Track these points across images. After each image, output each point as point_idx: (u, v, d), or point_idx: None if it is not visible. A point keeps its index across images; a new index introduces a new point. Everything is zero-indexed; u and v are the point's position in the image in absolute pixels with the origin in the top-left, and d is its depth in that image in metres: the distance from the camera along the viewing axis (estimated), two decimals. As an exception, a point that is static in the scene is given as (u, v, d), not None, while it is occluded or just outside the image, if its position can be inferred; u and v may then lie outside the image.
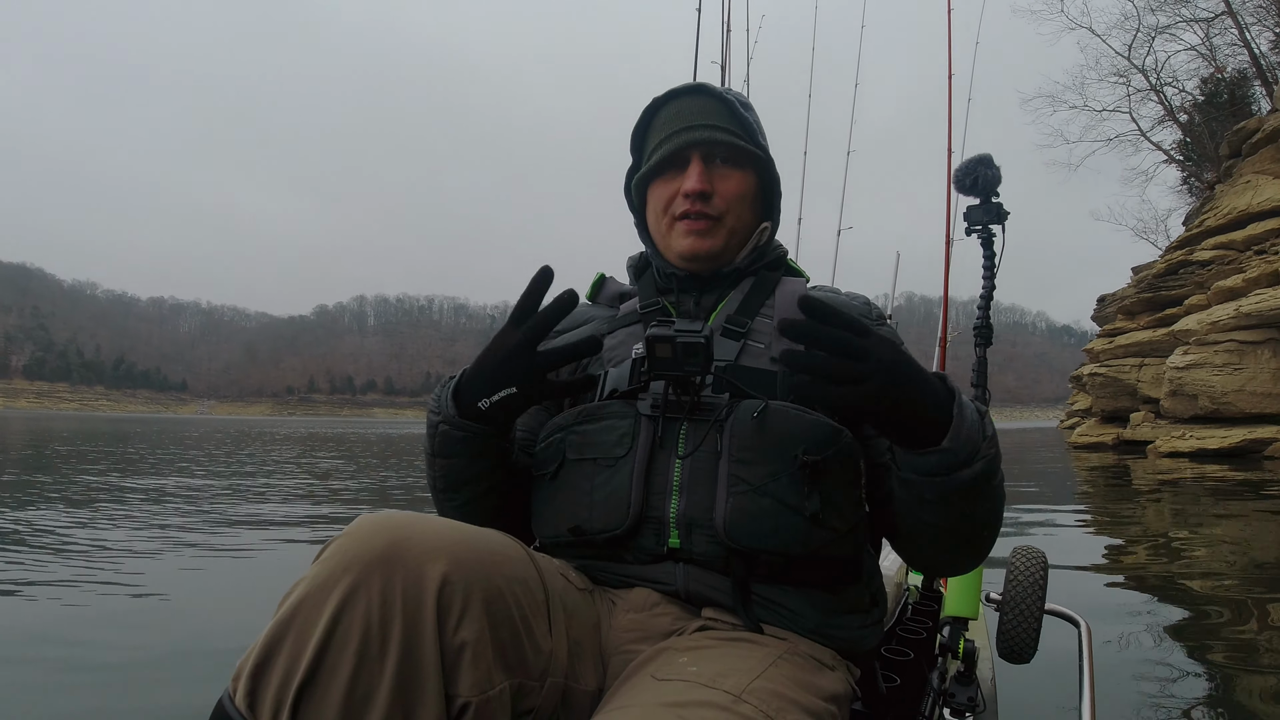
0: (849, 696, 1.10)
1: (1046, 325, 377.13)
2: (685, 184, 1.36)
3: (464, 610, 0.85)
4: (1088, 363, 28.34)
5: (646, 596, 1.15)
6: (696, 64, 3.41)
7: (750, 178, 1.40)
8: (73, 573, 5.22)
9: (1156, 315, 24.63)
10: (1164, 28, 29.11)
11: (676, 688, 0.89)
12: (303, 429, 62.05)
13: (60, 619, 4.15)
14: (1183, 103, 30.76)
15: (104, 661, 3.44)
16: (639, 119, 1.45)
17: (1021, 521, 7.99)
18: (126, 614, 4.30)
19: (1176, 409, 20.77)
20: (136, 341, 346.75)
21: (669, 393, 1.22)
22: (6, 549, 6.04)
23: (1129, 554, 6.40)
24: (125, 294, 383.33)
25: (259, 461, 18.36)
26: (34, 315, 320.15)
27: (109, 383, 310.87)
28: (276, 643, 0.80)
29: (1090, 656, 1.74)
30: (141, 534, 6.91)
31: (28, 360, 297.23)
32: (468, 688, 0.83)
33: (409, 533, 0.86)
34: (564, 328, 1.50)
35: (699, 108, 1.38)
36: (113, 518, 7.86)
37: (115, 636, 3.81)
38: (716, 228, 1.38)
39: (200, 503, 9.49)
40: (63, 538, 6.60)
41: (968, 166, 2.05)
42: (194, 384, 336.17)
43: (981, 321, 2.13)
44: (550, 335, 1.38)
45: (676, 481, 1.16)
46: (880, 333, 1.43)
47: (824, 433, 1.15)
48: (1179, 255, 24.25)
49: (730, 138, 1.36)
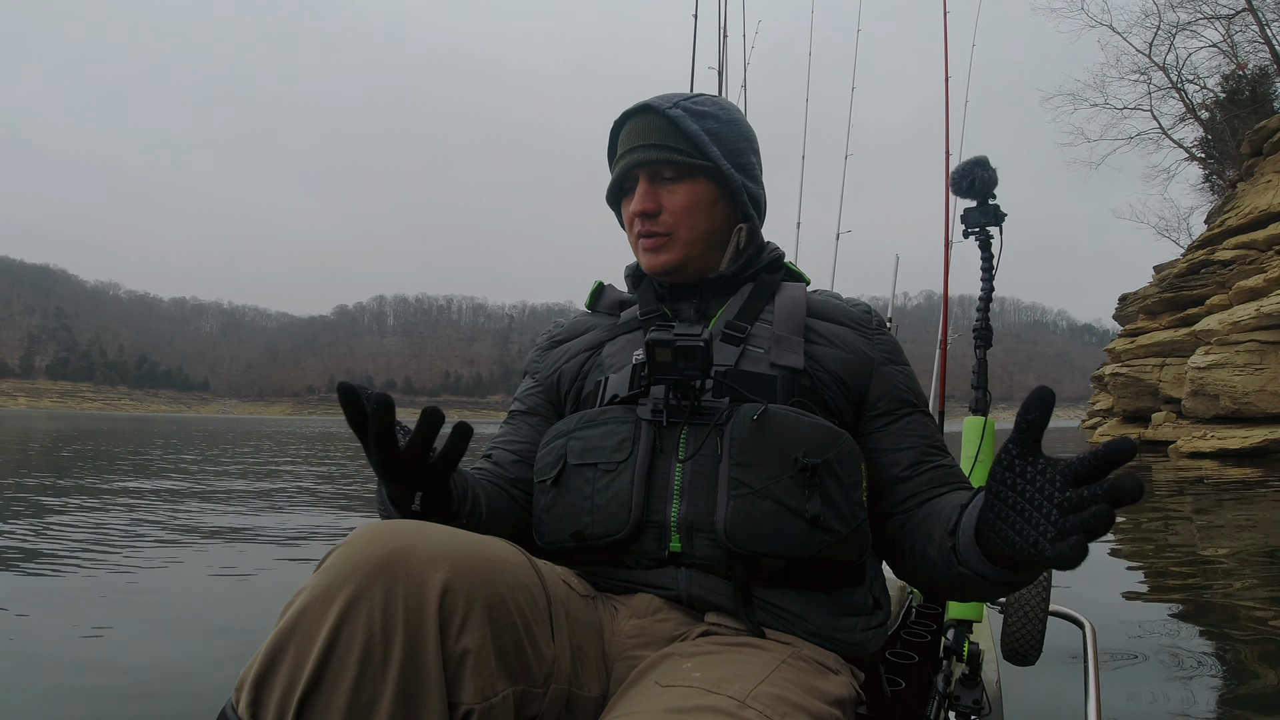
0: (854, 700, 1.10)
1: (1068, 324, 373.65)
2: (632, 205, 1.40)
3: (466, 618, 0.85)
4: (1109, 362, 28.16)
5: (649, 602, 1.15)
6: (694, 70, 3.41)
7: (700, 187, 1.40)
8: (81, 575, 5.25)
9: (1178, 315, 24.45)
10: (1184, 24, 28.82)
11: (681, 694, 0.89)
12: (337, 428, 62.16)
13: (63, 620, 4.16)
14: (1204, 100, 30.48)
15: (107, 662, 3.46)
16: (609, 140, 1.48)
17: None
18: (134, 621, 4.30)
19: (1198, 409, 20.60)
20: (159, 341, 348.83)
21: (669, 397, 1.22)
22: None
23: (1135, 554, 6.38)
24: (148, 294, 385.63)
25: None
26: (57, 316, 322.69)
27: (132, 382, 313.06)
28: (279, 652, 0.80)
29: (1095, 658, 1.73)
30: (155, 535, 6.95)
31: (51, 360, 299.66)
32: (470, 695, 0.83)
33: (410, 541, 0.86)
34: (566, 336, 1.53)
35: (643, 128, 1.40)
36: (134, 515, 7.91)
37: (119, 644, 3.81)
38: (670, 242, 1.40)
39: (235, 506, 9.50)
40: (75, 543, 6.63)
41: (965, 168, 2.05)
42: (216, 383, 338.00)
43: (981, 323, 2.14)
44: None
45: (677, 486, 1.16)
46: (881, 339, 1.45)
47: (823, 435, 1.17)
48: (1200, 255, 24.07)
49: (666, 155, 1.37)
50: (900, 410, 1.35)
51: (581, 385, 1.43)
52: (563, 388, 1.45)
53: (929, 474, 1.28)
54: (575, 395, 1.43)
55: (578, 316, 1.58)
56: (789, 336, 1.34)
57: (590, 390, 1.40)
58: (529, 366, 1.55)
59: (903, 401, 1.36)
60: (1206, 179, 31.71)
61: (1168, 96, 31.48)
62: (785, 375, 1.29)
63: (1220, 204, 27.16)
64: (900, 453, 1.31)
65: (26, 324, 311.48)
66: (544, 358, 1.52)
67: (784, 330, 1.35)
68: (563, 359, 1.48)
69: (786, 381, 1.28)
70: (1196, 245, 25.58)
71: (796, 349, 1.32)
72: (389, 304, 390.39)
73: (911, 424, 1.34)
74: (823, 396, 1.30)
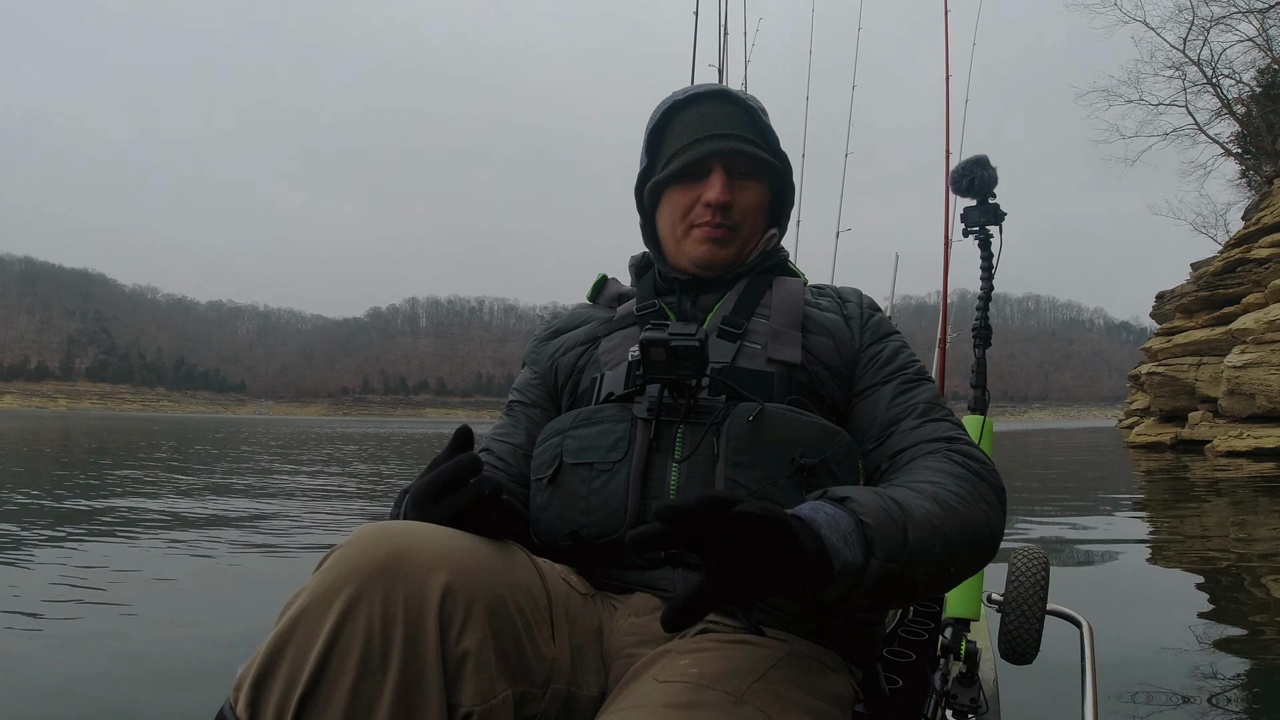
0: (851, 698, 1.09)
1: (1104, 322, 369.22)
2: (707, 194, 1.36)
3: (466, 619, 0.84)
4: (1146, 361, 27.82)
5: (647, 601, 1.15)
6: (694, 67, 3.41)
7: (765, 188, 1.41)
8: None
9: (1214, 314, 24.14)
10: (1219, 19, 28.29)
11: (678, 689, 0.88)
12: (374, 428, 62.62)
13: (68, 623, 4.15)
14: (1239, 94, 29.99)
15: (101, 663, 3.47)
16: (655, 120, 1.45)
17: (1032, 523, 7.90)
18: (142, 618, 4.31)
19: (1234, 408, 20.32)
20: (196, 344, 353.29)
21: (665, 396, 1.21)
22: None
23: (1135, 554, 6.30)
24: (185, 298, 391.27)
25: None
26: (97, 319, 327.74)
27: (170, 384, 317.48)
28: (278, 653, 0.80)
29: (1092, 657, 1.72)
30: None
31: (91, 363, 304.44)
32: (470, 697, 0.82)
33: (410, 542, 0.86)
34: (564, 327, 1.51)
35: (721, 115, 1.38)
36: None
37: (120, 642, 3.80)
38: (732, 237, 1.39)
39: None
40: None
41: (964, 168, 2.04)
42: (252, 385, 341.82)
43: (980, 322, 2.12)
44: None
45: (673, 485, 1.16)
46: (867, 323, 1.43)
47: (821, 434, 1.16)
48: (1236, 253, 23.77)
49: (754, 150, 1.36)
50: (874, 384, 1.32)
51: (578, 381, 1.42)
52: (559, 381, 1.45)
53: (890, 440, 1.24)
54: (572, 390, 1.42)
55: (578, 308, 1.56)
56: (786, 331, 1.33)
57: (586, 386, 1.38)
58: (527, 357, 1.54)
59: (879, 374, 1.33)
60: (1243, 174, 31.21)
61: (1203, 92, 31.03)
62: (782, 371, 1.27)
63: (1256, 200, 26.72)
64: (869, 423, 1.28)
65: (66, 327, 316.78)
66: (542, 349, 1.50)
67: (781, 324, 1.34)
68: (559, 351, 1.46)
69: (784, 378, 1.27)
70: (1232, 244, 25.25)
71: (794, 344, 1.31)
72: (421, 305, 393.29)
73: (884, 392, 1.30)
74: (819, 393, 1.29)
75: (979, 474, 1.13)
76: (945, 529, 0.97)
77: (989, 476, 1.14)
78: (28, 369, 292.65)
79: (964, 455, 1.16)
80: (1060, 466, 17.65)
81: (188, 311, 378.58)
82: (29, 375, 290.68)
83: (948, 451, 1.17)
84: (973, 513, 1.05)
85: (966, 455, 1.16)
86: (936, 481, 1.07)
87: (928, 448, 1.20)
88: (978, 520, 1.05)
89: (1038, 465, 17.83)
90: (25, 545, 6.13)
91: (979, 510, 1.06)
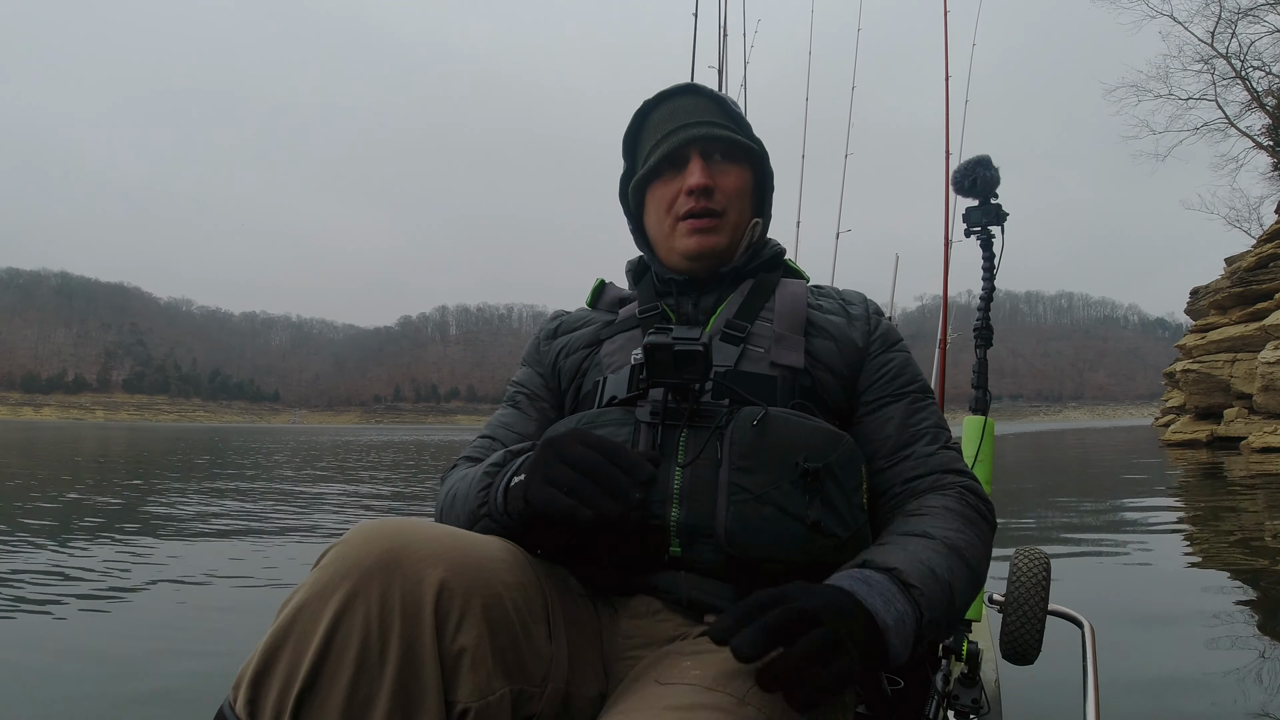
0: (853, 699, 1.09)
1: (1139, 318, 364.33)
2: (688, 180, 1.36)
3: (463, 616, 0.84)
4: (1181, 358, 27.45)
5: (648, 603, 1.14)
6: (694, 68, 3.42)
7: (746, 173, 1.41)
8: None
9: (1248, 309, 23.77)
10: (1246, 10, 27.90)
11: (680, 691, 0.88)
12: (411, 436, 62.97)
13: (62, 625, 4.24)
14: (1269, 86, 29.53)
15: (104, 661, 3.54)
16: (630, 124, 1.47)
17: (1045, 525, 7.86)
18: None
19: (1270, 404, 20.03)
20: (231, 354, 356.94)
21: (668, 400, 1.20)
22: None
23: (1134, 554, 6.22)
24: (219, 309, 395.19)
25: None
26: (132, 332, 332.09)
27: (205, 394, 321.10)
28: (276, 650, 0.80)
29: (1094, 657, 1.71)
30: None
31: (127, 375, 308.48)
32: (467, 694, 0.83)
33: (406, 539, 0.86)
34: (567, 329, 1.51)
35: (692, 106, 1.40)
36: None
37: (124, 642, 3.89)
38: (720, 224, 1.38)
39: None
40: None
41: (966, 168, 2.03)
42: (286, 394, 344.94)
43: (981, 323, 2.12)
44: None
45: (677, 489, 1.13)
46: (873, 328, 1.43)
47: (824, 439, 1.14)
48: (1269, 248, 23.42)
49: (727, 133, 1.37)
50: (883, 398, 1.33)
51: (580, 384, 1.41)
52: (563, 383, 1.45)
53: (904, 465, 1.26)
54: (574, 393, 1.42)
55: (580, 310, 1.56)
56: (789, 335, 1.32)
57: (589, 390, 1.38)
58: (528, 358, 1.53)
59: (888, 388, 1.34)
60: (1275, 167, 30.73)
61: (1232, 85, 30.59)
62: (786, 375, 1.27)
63: (1289, 195, 26.37)
64: (881, 441, 1.29)
65: (103, 340, 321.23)
66: (544, 351, 1.50)
67: (784, 328, 1.33)
68: (562, 353, 1.46)
69: (787, 382, 1.27)
70: (1265, 239, 24.87)
71: (797, 348, 1.31)
72: (451, 314, 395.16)
73: (895, 410, 1.32)
74: (823, 397, 1.30)
75: (985, 517, 1.21)
76: (966, 588, 1.07)
77: (991, 518, 1.22)
78: (65, 381, 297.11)
79: (975, 496, 1.23)
80: (1091, 467, 17.45)
81: (222, 323, 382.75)
82: (67, 388, 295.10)
83: (961, 490, 1.22)
84: (981, 566, 1.13)
85: (978, 496, 1.23)
86: (955, 528, 1.13)
87: (941, 479, 1.24)
88: (983, 571, 1.13)
89: (1074, 468, 17.64)
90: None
91: (984, 559, 1.15)
